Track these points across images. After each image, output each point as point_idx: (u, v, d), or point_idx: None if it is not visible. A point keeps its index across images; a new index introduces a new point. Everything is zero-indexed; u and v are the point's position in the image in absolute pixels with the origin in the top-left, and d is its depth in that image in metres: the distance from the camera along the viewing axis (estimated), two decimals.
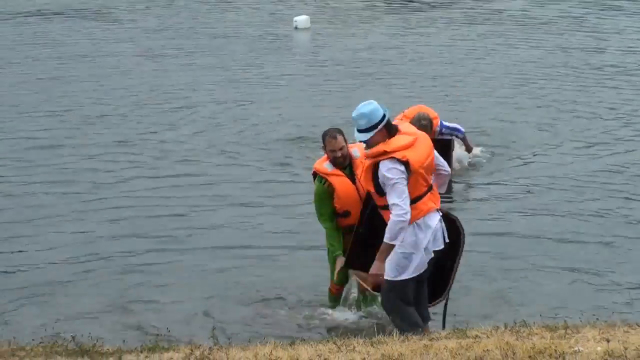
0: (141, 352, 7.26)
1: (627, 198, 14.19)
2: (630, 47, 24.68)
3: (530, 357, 6.65)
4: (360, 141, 9.51)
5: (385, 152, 9.26)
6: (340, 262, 10.23)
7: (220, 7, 31.23)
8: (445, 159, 10.37)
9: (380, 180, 9.36)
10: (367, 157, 9.55)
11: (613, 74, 21.84)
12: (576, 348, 6.83)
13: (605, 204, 13.99)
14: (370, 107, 9.44)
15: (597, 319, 8.28)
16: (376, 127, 9.36)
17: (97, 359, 7.07)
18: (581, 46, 25.21)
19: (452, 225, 9.91)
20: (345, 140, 10.12)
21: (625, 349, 6.69)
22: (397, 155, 9.32)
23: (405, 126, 10.06)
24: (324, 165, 10.15)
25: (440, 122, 14.41)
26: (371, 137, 9.36)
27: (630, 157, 15.96)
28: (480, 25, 27.99)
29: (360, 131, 9.41)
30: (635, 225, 13.31)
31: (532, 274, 11.66)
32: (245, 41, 25.76)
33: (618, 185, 14.74)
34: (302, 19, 27.25)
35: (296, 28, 26.77)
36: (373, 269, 9.52)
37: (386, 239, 9.32)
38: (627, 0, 31.75)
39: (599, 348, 6.78)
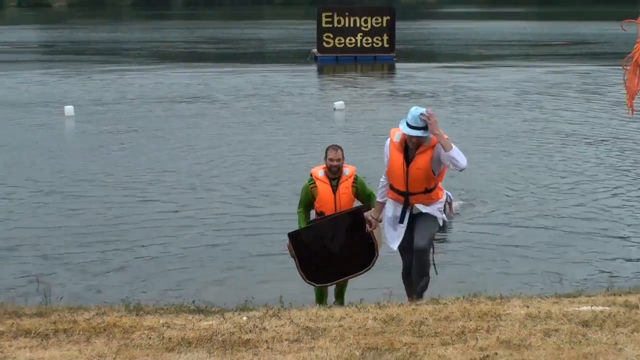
0: (235, 310, 7.51)
1: (555, 216, 14.36)
2: (571, 119, 24.68)
3: (479, 316, 6.87)
4: (415, 136, 8.49)
5: None
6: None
7: (281, 94, 31.22)
8: None
9: (436, 155, 8.54)
10: (426, 148, 8.57)
11: (561, 137, 21.86)
12: (508, 311, 7.05)
13: (546, 221, 14.17)
14: (425, 110, 8.57)
15: (521, 293, 8.51)
16: (427, 128, 8.48)
17: (208, 316, 7.27)
18: (536, 118, 25.26)
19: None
20: (343, 157, 9.35)
21: (539, 312, 6.97)
22: None
23: None
24: (319, 171, 9.38)
25: None
26: (425, 136, 8.53)
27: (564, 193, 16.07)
28: (466, 106, 27.88)
29: (415, 128, 8.46)
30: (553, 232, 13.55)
31: (482, 265, 11.94)
32: (298, 117, 25.85)
33: (554, 209, 14.88)
34: (339, 103, 27.03)
35: (334, 109, 26.51)
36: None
37: (453, 147, 8.43)
38: (564, 89, 31.82)
39: (522, 311, 7.04)
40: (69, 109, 26.68)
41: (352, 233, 9.12)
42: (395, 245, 9.06)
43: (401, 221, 8.93)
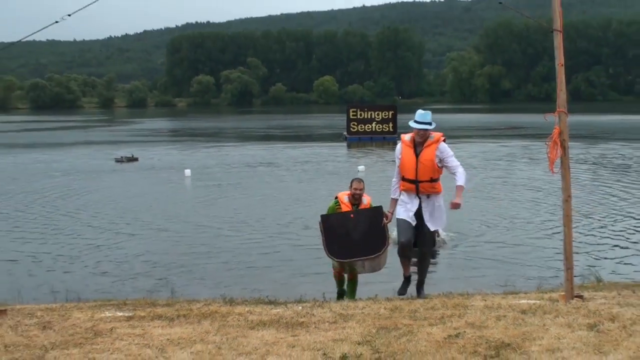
0: (294, 302, 7.48)
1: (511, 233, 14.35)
2: (520, 176, 24.15)
3: (453, 307, 6.79)
4: (422, 129, 7.62)
5: (443, 135, 7.82)
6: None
7: (323, 161, 31.16)
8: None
9: (440, 154, 7.64)
10: (431, 142, 7.67)
11: (515, 187, 21.39)
12: (472, 303, 6.97)
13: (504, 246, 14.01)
14: (429, 112, 7.75)
15: (481, 291, 8.40)
16: (431, 125, 7.68)
17: (276, 306, 7.26)
18: (497, 176, 24.82)
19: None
20: (364, 188, 8.77)
21: (493, 304, 6.87)
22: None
23: None
24: (344, 197, 8.73)
25: None
26: (429, 130, 7.67)
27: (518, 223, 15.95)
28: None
29: (426, 123, 7.60)
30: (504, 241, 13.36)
31: (456, 273, 11.68)
32: (334, 175, 25.51)
33: (509, 236, 14.56)
34: (361, 167, 26.92)
35: (358, 171, 26.16)
36: (458, 200, 7.53)
37: (463, 183, 7.59)
38: (512, 157, 31.62)
39: (481, 303, 6.94)
40: (187, 171, 26.94)
41: (371, 225, 8.13)
42: (407, 217, 7.80)
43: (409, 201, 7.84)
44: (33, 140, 51.20)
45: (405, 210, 7.83)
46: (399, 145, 7.94)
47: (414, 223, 7.79)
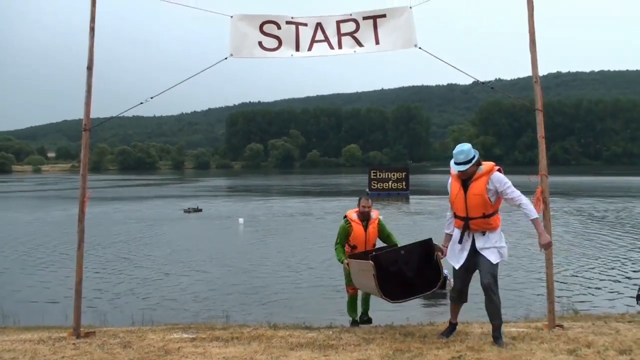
0: (326, 328, 7.38)
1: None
2: (515, 225, 23.90)
3: (456, 333, 6.59)
4: (459, 171, 5.89)
5: (494, 166, 5.94)
6: (346, 264, 7.31)
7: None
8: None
9: (493, 187, 5.87)
10: (480, 175, 5.89)
11: (512, 233, 21.14)
12: (471, 330, 6.80)
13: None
14: (466, 147, 5.88)
15: (478, 319, 8.25)
16: (470, 162, 5.81)
17: (311, 330, 7.15)
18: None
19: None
20: (371, 205, 7.80)
21: (489, 331, 6.62)
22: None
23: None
24: (353, 214, 7.79)
25: None
26: (468, 168, 5.83)
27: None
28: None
29: (457, 164, 5.89)
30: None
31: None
32: None
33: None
34: (381, 217, 26.84)
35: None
36: (546, 239, 5.76)
37: (534, 214, 5.81)
38: (506, 210, 31.16)
39: (479, 331, 6.79)
40: (241, 220, 27.01)
41: (423, 260, 6.53)
42: (457, 265, 6.14)
43: (460, 241, 6.03)
44: (119, 194, 52.07)
45: (456, 257, 6.10)
46: (449, 179, 6.14)
47: (464, 269, 6.13)
